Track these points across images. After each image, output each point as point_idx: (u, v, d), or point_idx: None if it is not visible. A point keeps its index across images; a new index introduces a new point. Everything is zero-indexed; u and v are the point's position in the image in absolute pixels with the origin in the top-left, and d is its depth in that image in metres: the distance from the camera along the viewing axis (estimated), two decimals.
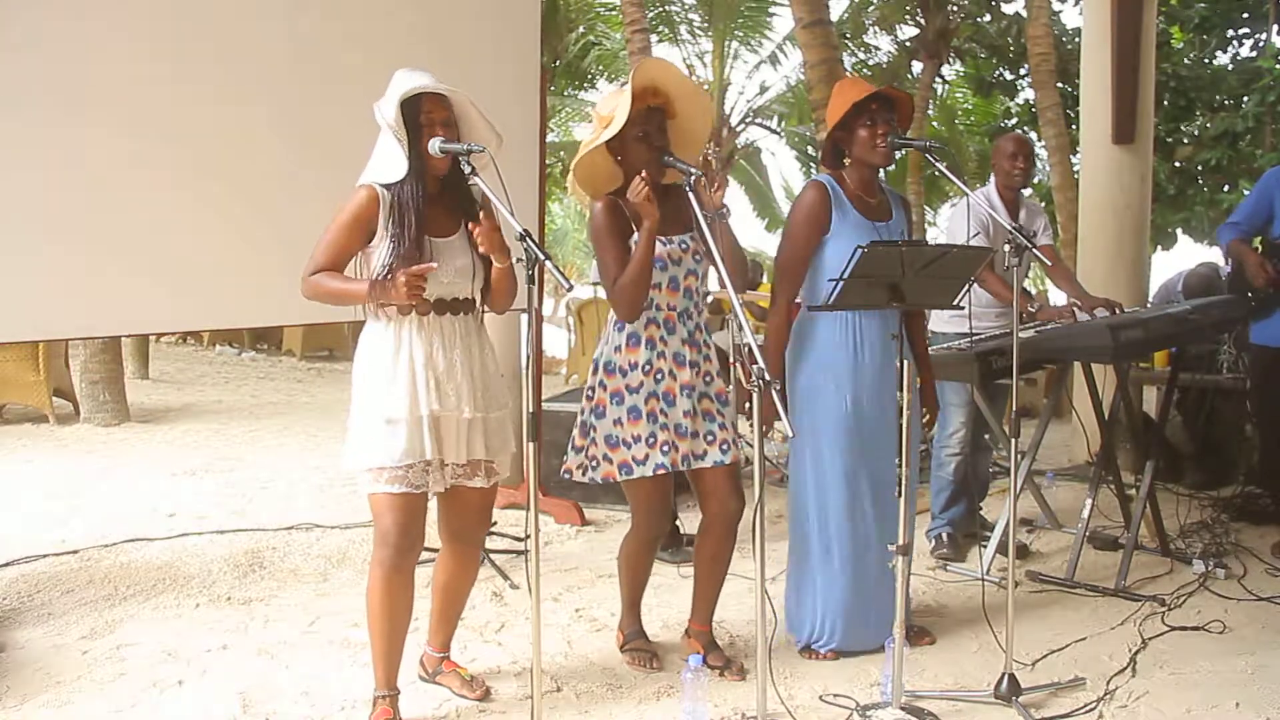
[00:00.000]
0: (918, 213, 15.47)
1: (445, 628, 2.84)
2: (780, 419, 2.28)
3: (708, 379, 2.89)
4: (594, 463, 2.86)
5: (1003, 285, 3.81)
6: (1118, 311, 3.93)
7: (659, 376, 2.81)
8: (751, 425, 2.34)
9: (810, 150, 15.60)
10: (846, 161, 3.06)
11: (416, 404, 2.46)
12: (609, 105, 2.83)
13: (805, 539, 3.08)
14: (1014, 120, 13.78)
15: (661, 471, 2.81)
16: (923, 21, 13.51)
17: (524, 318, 4.23)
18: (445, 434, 2.52)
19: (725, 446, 2.86)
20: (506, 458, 2.67)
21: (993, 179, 4.23)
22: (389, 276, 2.36)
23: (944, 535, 4.16)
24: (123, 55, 3.22)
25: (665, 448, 2.79)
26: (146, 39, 3.26)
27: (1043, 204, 12.66)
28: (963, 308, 2.85)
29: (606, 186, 2.89)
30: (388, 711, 2.57)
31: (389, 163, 2.43)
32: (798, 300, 3.12)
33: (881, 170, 3.10)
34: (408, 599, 2.59)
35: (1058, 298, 4.68)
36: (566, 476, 2.92)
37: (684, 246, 2.84)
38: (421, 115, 2.43)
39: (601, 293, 2.97)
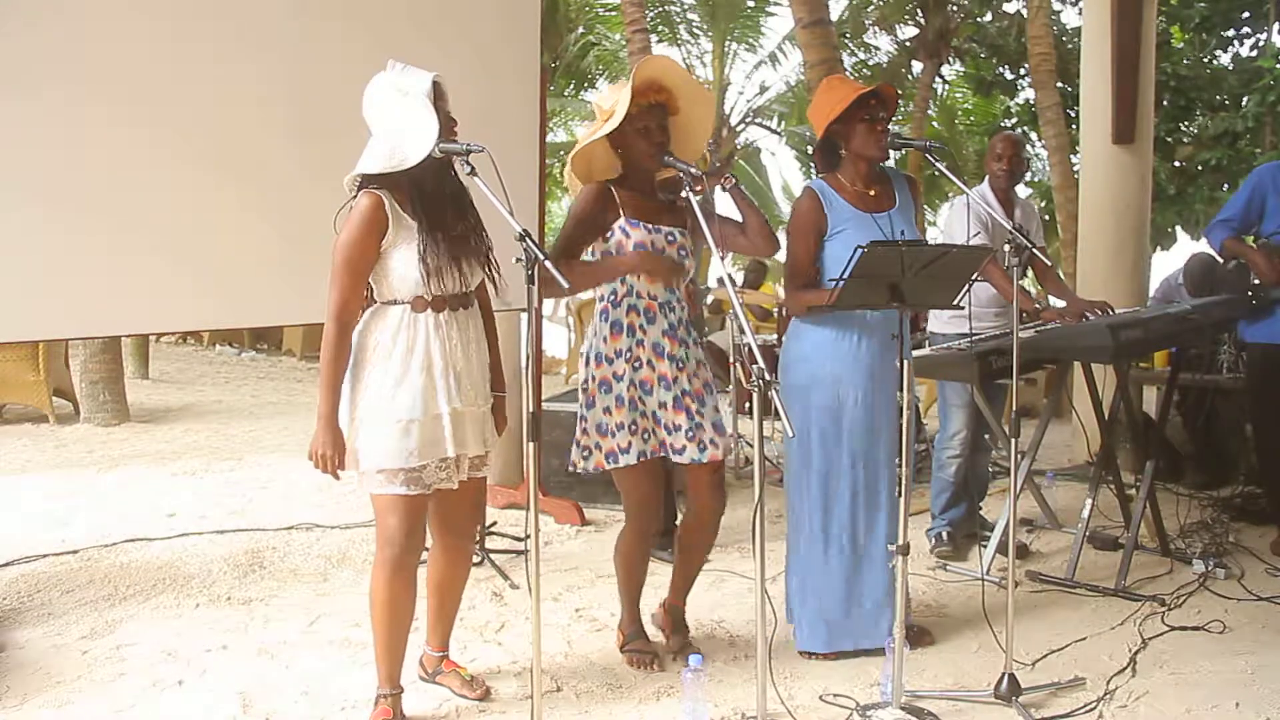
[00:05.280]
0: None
1: (443, 626, 2.84)
2: (780, 418, 2.29)
3: (691, 376, 2.89)
4: (586, 453, 2.88)
5: (1005, 279, 3.80)
6: (1109, 313, 3.92)
7: (637, 364, 2.84)
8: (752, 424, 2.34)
9: (810, 150, 15.57)
10: (842, 154, 3.06)
11: (434, 402, 2.45)
12: (611, 99, 2.84)
13: (799, 535, 3.08)
14: (1014, 120, 13.79)
15: (644, 460, 2.83)
16: (923, 21, 13.52)
17: (524, 317, 4.24)
18: (469, 429, 2.53)
19: (703, 446, 2.86)
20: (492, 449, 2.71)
21: (987, 178, 4.25)
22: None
23: (944, 535, 4.17)
24: (123, 59, 3.21)
25: (645, 435, 2.83)
26: (146, 40, 3.26)
27: (1042, 204, 12.68)
28: (963, 307, 2.86)
29: (604, 175, 2.92)
30: (388, 711, 2.57)
31: (416, 134, 2.36)
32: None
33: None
34: (410, 598, 2.59)
35: (1057, 301, 4.69)
36: (572, 469, 2.94)
37: (671, 239, 2.87)
38: (437, 101, 2.43)
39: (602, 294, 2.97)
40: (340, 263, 2.41)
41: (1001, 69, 13.36)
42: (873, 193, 3.06)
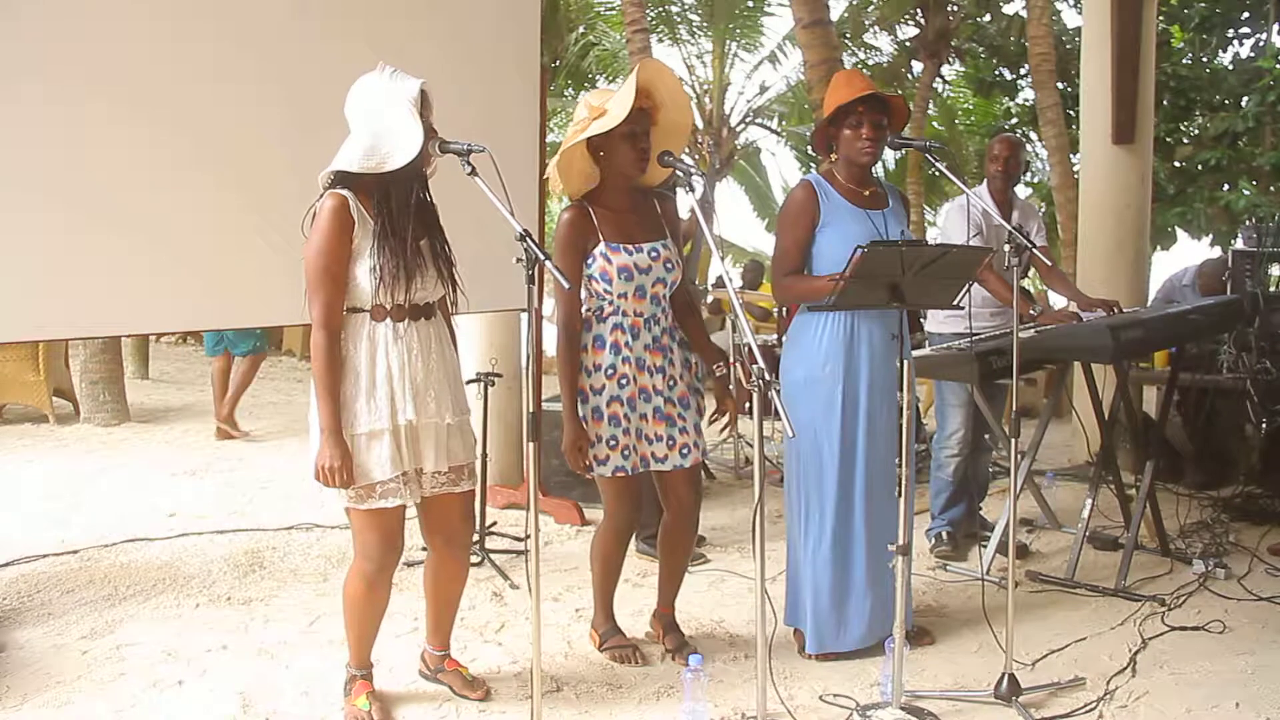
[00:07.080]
0: (917, 213, 15.46)
1: (443, 628, 2.84)
2: (780, 418, 2.29)
3: (671, 384, 2.91)
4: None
5: (1003, 285, 3.81)
6: (1116, 311, 3.92)
7: (623, 381, 2.84)
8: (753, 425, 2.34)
9: (810, 150, 15.57)
10: (834, 158, 3.08)
11: (395, 414, 2.43)
12: (601, 99, 2.83)
13: (797, 535, 3.08)
14: (1014, 120, 13.79)
15: (621, 474, 2.86)
16: (923, 21, 13.51)
17: (524, 318, 4.23)
18: (424, 443, 2.49)
19: (685, 450, 2.91)
20: (474, 460, 2.69)
21: (986, 179, 4.27)
22: (337, 467, 2.36)
23: (944, 535, 4.17)
24: (123, 59, 3.21)
25: (625, 451, 2.85)
26: (146, 40, 3.26)
27: (1042, 204, 12.67)
28: (962, 307, 2.86)
29: (579, 183, 2.90)
30: (366, 685, 2.65)
31: (401, 141, 2.35)
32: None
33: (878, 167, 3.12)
34: (384, 598, 2.63)
35: (1058, 300, 4.71)
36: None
37: (654, 255, 2.86)
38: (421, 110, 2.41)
39: None
40: (317, 269, 2.39)
41: (1001, 69, 13.37)
42: (867, 193, 3.07)
